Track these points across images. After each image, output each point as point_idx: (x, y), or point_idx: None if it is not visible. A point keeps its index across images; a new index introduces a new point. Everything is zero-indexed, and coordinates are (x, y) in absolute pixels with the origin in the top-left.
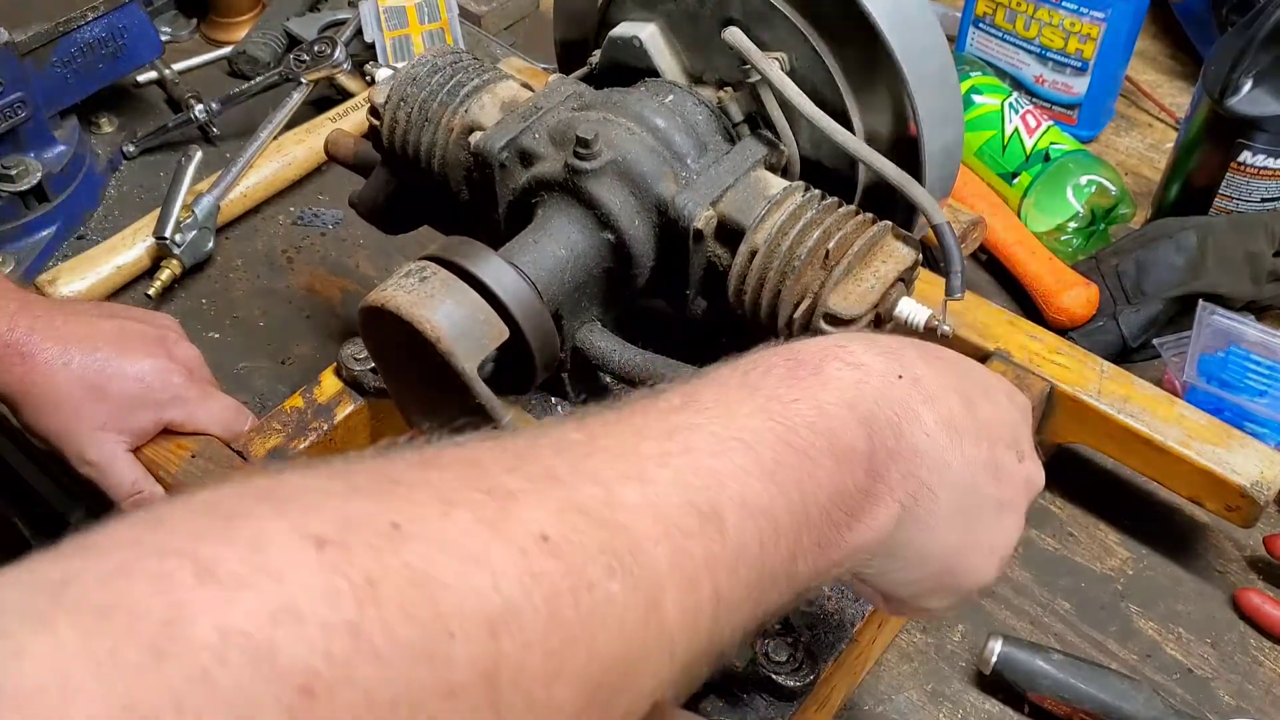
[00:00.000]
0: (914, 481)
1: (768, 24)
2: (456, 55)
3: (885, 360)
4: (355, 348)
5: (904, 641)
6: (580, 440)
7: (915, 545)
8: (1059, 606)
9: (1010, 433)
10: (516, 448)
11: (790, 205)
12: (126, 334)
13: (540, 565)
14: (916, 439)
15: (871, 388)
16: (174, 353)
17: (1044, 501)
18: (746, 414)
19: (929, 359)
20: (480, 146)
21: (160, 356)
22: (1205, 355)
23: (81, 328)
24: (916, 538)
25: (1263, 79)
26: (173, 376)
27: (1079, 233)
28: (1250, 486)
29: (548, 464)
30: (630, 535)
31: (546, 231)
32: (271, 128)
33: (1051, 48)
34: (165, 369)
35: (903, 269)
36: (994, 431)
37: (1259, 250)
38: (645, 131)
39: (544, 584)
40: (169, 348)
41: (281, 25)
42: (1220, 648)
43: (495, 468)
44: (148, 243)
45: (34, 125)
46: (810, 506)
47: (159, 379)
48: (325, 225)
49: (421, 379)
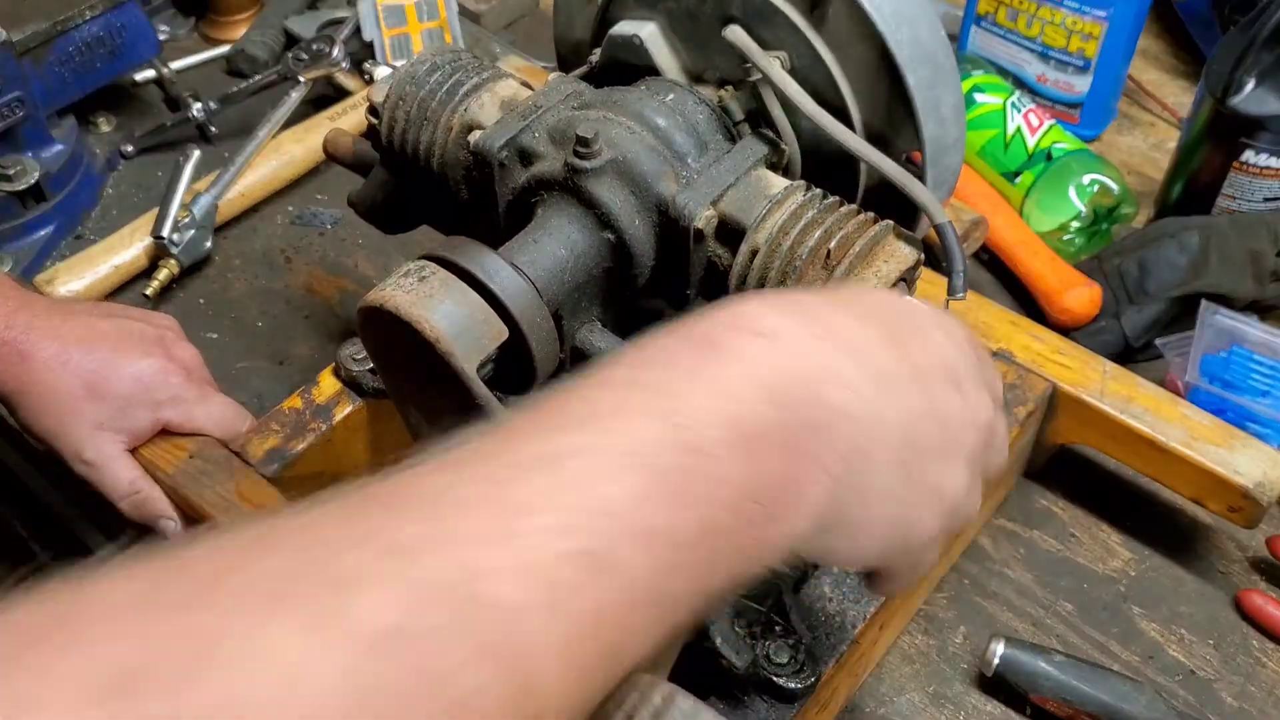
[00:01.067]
0: (843, 448)
1: (768, 22)
2: (456, 54)
3: (795, 319)
4: (354, 348)
5: (905, 643)
6: (445, 485)
7: (855, 514)
8: (1061, 608)
9: (947, 370)
10: (370, 509)
11: (791, 204)
12: (125, 333)
13: (384, 668)
14: (841, 401)
15: (781, 355)
16: (172, 352)
17: (1046, 502)
18: (638, 422)
19: (848, 305)
20: (479, 145)
21: (158, 356)
22: (1208, 355)
23: (80, 327)
24: (856, 507)
25: (1265, 78)
26: (171, 377)
27: (1081, 232)
28: (1253, 487)
29: (403, 531)
30: (499, 610)
31: (546, 231)
32: (270, 127)
33: (1054, 46)
34: (163, 369)
35: (905, 269)
36: (929, 372)
37: (1262, 250)
38: (645, 130)
39: (390, 690)
40: (167, 347)
41: (280, 24)
42: (1223, 649)
43: (341, 543)
44: (146, 242)
45: (32, 124)
46: (720, 514)
47: (157, 379)
48: (324, 225)
49: (421, 379)
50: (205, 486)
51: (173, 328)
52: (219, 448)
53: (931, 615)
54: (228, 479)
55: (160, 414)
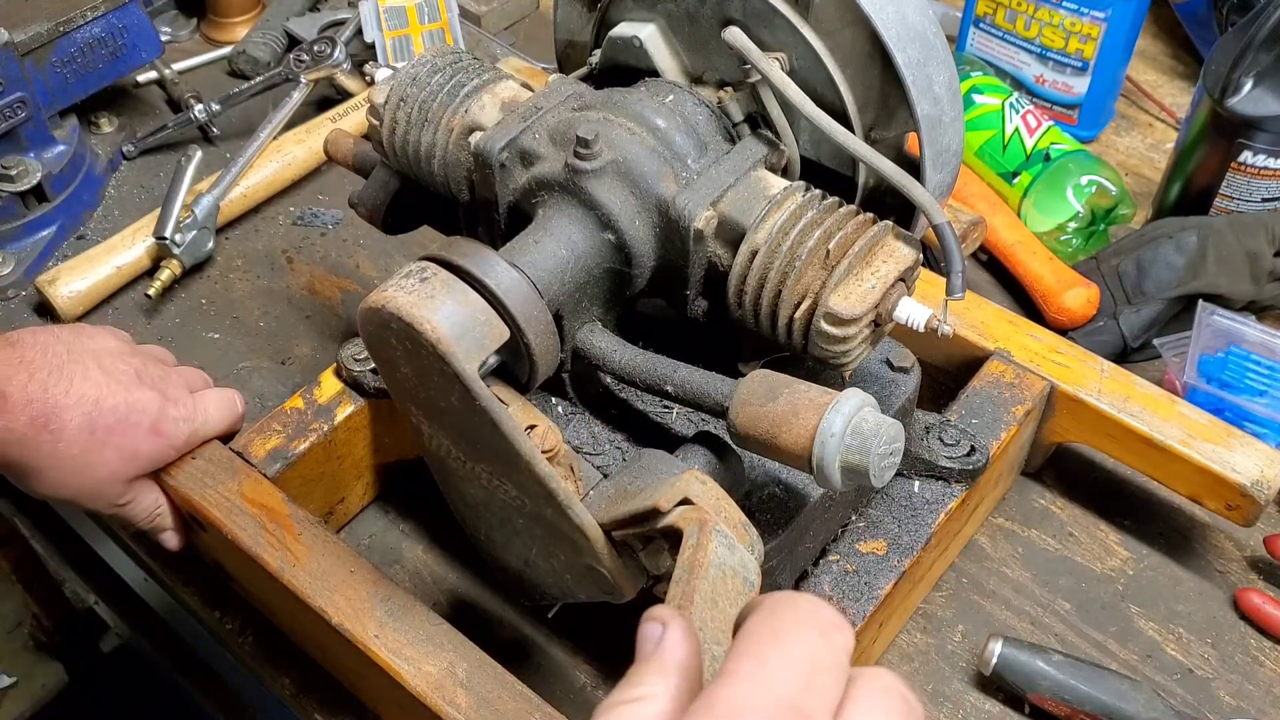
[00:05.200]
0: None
1: (768, 24)
2: (456, 55)
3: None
4: (355, 348)
5: (904, 642)
6: None
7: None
8: (1059, 607)
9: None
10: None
11: (791, 205)
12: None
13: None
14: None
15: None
16: (157, 386)
17: (1044, 501)
18: None
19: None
20: (480, 147)
21: (148, 389)
22: (1205, 355)
23: (49, 423)
24: None
25: (1263, 79)
26: (168, 410)
27: (1079, 233)
28: (1250, 485)
29: None
30: None
31: (547, 232)
32: (271, 128)
33: (1052, 48)
34: (158, 403)
35: (903, 269)
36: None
37: (1259, 250)
38: (645, 131)
39: None
40: (152, 381)
41: (281, 25)
42: (1220, 648)
43: None
44: (148, 243)
45: (34, 125)
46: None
47: (149, 442)
48: (325, 225)
49: (422, 379)
50: (208, 487)
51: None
52: (221, 449)
53: (930, 614)
54: (230, 479)
55: (175, 451)
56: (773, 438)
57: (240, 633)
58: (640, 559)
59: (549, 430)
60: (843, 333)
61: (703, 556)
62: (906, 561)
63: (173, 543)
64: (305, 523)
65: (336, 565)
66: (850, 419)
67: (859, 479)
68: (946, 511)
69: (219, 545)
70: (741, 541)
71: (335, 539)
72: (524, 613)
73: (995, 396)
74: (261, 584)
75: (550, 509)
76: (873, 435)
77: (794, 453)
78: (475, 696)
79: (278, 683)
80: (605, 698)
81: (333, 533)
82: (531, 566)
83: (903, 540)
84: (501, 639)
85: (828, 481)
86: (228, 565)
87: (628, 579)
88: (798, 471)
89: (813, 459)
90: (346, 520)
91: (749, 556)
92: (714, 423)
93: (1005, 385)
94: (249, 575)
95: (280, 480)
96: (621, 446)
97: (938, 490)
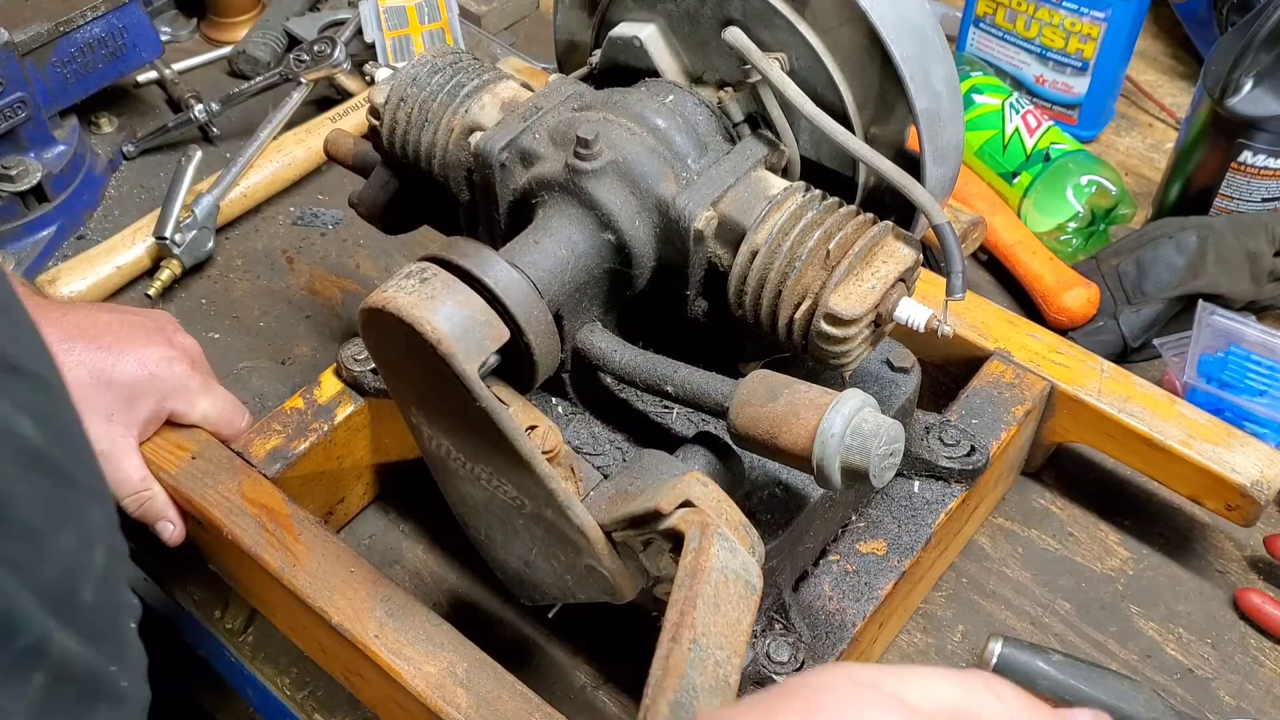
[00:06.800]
0: None
1: (768, 24)
2: (456, 55)
3: None
4: (355, 348)
5: (904, 641)
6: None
7: None
8: (1059, 607)
9: None
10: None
11: (791, 205)
12: (126, 324)
13: None
14: None
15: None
16: (174, 340)
17: (1044, 501)
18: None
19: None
20: (480, 147)
21: (162, 344)
22: (1205, 355)
23: (81, 319)
24: None
25: (1263, 79)
26: (175, 364)
27: (1079, 233)
28: (1250, 485)
29: None
30: None
31: (547, 232)
32: (271, 128)
33: (1052, 48)
34: (168, 356)
35: (903, 269)
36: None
37: (1259, 250)
38: (646, 132)
39: None
40: (169, 336)
41: (281, 25)
42: (1220, 648)
43: None
44: (148, 243)
45: (34, 125)
46: None
47: (162, 366)
48: (325, 225)
49: (422, 380)
50: (208, 487)
51: (171, 321)
52: (221, 449)
53: (930, 614)
54: (230, 479)
55: (166, 404)
56: (773, 438)
57: (240, 633)
58: (640, 560)
59: (549, 431)
60: (843, 333)
61: (705, 561)
62: (906, 561)
63: (170, 534)
64: (305, 523)
65: (336, 565)
66: (850, 419)
67: (859, 479)
68: (946, 511)
69: (219, 545)
70: (742, 543)
71: (335, 539)
72: (524, 613)
73: (995, 396)
74: (261, 584)
75: (550, 509)
76: (873, 435)
77: (794, 453)
78: (475, 696)
79: (277, 683)
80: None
81: (333, 533)
82: (531, 567)
83: (903, 540)
84: (501, 639)
85: (828, 482)
86: (228, 565)
87: (628, 580)
88: (798, 472)
89: (813, 459)
90: (346, 520)
91: (750, 559)
92: (714, 423)
93: (1005, 385)
94: (249, 575)
95: (280, 480)
96: (621, 447)
97: (938, 490)
